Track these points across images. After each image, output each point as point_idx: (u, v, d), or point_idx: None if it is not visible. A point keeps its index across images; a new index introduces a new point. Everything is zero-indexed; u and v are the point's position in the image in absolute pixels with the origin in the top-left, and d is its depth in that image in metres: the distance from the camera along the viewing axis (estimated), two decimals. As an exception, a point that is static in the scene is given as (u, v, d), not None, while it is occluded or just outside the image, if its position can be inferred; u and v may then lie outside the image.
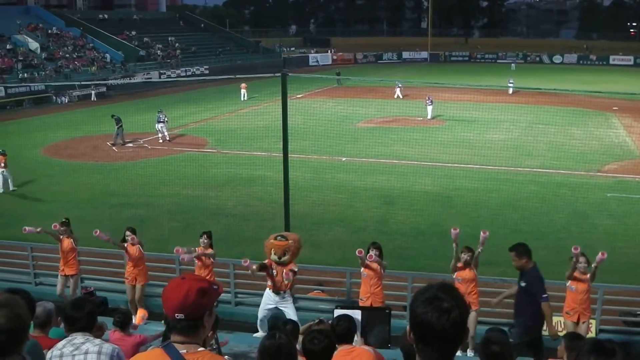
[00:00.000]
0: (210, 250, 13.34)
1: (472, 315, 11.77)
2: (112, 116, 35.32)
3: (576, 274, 11.55)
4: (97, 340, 5.35)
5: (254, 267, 12.09)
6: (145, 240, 14.28)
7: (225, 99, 51.19)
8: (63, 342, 5.26)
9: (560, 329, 12.14)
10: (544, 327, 12.08)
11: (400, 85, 55.45)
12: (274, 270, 12.00)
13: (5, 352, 3.60)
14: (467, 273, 12.01)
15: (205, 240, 13.38)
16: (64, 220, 14.33)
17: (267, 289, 12.24)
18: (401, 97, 54.49)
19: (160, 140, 36.15)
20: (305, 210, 22.07)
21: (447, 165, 29.17)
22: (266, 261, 12.03)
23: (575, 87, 48.96)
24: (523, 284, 10.61)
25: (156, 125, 36.18)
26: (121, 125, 35.07)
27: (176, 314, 3.65)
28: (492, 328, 7.51)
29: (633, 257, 18.39)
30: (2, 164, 26.08)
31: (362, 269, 12.15)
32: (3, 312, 3.59)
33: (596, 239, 19.94)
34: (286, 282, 11.97)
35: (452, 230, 11.82)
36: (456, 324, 2.85)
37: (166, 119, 36.27)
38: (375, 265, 12.05)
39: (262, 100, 47.91)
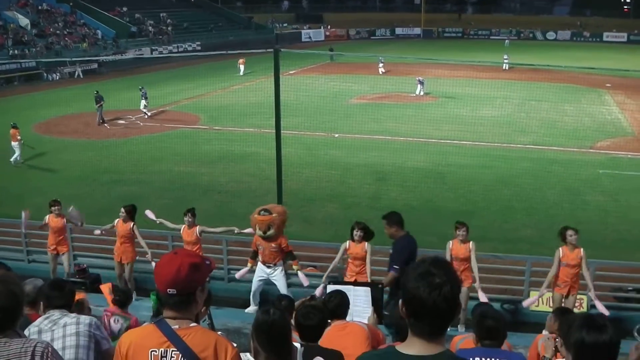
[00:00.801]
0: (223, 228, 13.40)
1: (464, 291, 11.80)
2: (96, 92, 35.10)
3: (568, 248, 11.58)
4: (73, 314, 5.39)
5: (249, 264, 12.46)
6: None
7: (217, 76, 50.95)
8: (40, 319, 5.29)
9: (550, 304, 12.27)
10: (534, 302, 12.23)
11: (382, 60, 55.66)
12: (260, 247, 12.08)
13: (1, 328, 3.62)
14: (462, 251, 11.92)
15: (190, 219, 13.27)
16: (55, 199, 14.29)
17: (259, 262, 12.34)
18: (383, 71, 54.90)
19: (146, 116, 36.11)
20: (298, 187, 22.11)
21: (440, 141, 29.21)
22: (252, 244, 12.22)
23: (569, 64, 48.98)
24: (391, 252, 10.55)
25: (141, 102, 36.18)
26: (101, 105, 34.69)
27: (168, 289, 3.67)
28: (479, 303, 7.53)
29: (624, 233, 18.54)
30: (18, 137, 26.62)
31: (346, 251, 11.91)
32: (1, 289, 3.61)
33: (588, 216, 20.09)
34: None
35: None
36: (447, 299, 2.85)
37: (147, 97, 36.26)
38: (358, 249, 11.75)
39: (255, 76, 47.77)
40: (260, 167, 24.30)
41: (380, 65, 55.67)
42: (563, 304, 11.47)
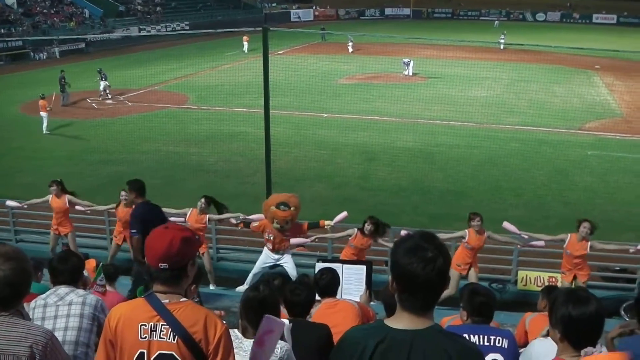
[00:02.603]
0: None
1: (474, 275, 12.00)
2: (61, 71, 34.57)
3: (576, 236, 11.59)
4: (82, 292, 5.39)
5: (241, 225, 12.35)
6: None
7: (206, 55, 50.74)
8: (48, 292, 5.31)
9: (538, 283, 12.39)
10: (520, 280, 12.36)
11: (352, 39, 55.70)
12: (271, 235, 11.91)
13: (8, 305, 3.61)
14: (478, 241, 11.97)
15: (204, 205, 13.05)
16: (56, 180, 14.23)
17: (266, 248, 12.23)
18: (351, 51, 55.15)
19: (105, 99, 35.61)
20: (287, 166, 22.12)
21: (429, 121, 29.20)
22: (255, 224, 12.12)
23: (558, 45, 48.98)
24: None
25: (100, 83, 35.73)
26: (64, 86, 34.00)
27: (160, 264, 3.68)
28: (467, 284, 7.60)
29: (612, 214, 18.62)
30: (49, 107, 28.56)
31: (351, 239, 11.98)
32: (11, 265, 3.59)
33: (576, 196, 20.20)
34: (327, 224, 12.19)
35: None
36: (441, 272, 2.89)
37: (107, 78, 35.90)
38: (364, 241, 11.87)
39: (245, 56, 47.61)
40: (249, 146, 24.24)
41: (350, 44, 55.79)
42: None
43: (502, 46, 51.66)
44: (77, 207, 13.98)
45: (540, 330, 5.38)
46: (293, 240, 12.08)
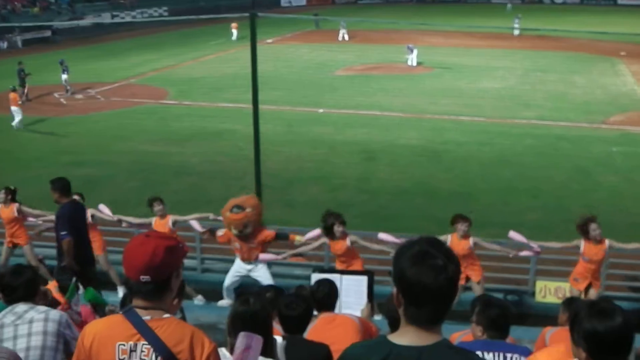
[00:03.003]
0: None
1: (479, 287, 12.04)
2: (19, 64, 34.73)
3: (591, 242, 11.50)
4: (43, 308, 5.34)
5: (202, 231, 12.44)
6: (98, 201, 14.17)
7: (187, 45, 50.77)
8: (4, 312, 5.24)
9: (559, 295, 12.35)
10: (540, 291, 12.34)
11: (344, 25, 55.52)
12: (237, 244, 11.89)
13: None
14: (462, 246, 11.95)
15: (159, 208, 12.87)
16: (7, 187, 14.18)
17: (237, 257, 12.24)
18: (347, 39, 55.04)
19: (68, 94, 35.39)
20: (278, 167, 22.10)
21: (435, 117, 29.24)
22: (221, 233, 12.10)
23: (579, 29, 49.02)
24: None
25: (61, 76, 35.45)
26: (24, 79, 33.93)
27: (141, 276, 3.63)
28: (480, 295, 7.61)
29: (639, 216, 18.61)
30: (19, 101, 29.29)
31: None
32: None
33: (599, 197, 20.14)
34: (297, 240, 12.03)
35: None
36: (453, 281, 2.89)
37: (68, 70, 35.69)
38: (339, 245, 11.73)
39: (230, 46, 47.66)
40: (236, 145, 24.25)
41: (342, 31, 55.55)
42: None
43: (516, 32, 51.63)
44: (29, 218, 13.97)
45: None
46: (262, 256, 11.94)
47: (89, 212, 12.92)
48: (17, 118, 28.45)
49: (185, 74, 39.18)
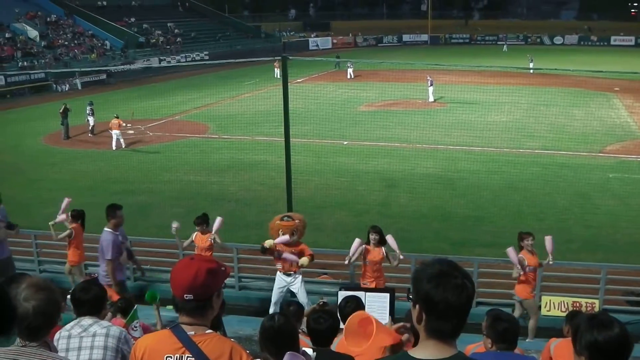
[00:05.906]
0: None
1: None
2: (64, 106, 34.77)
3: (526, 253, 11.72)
4: (105, 323, 5.41)
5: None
6: (147, 226, 14.29)
7: (225, 85, 51.11)
8: (71, 323, 5.32)
9: (562, 309, 12.26)
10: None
11: (351, 65, 56.16)
12: (282, 253, 11.90)
13: (38, 335, 3.64)
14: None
15: (199, 226, 13.15)
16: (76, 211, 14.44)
17: (278, 271, 12.26)
18: (352, 77, 55.57)
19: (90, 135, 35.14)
20: (308, 194, 22.12)
21: (449, 147, 29.21)
22: (267, 243, 11.92)
23: (577, 68, 48.91)
24: None
25: (88, 118, 35.06)
26: (66, 117, 34.19)
27: (185, 295, 3.68)
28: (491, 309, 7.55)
29: (636, 237, 18.46)
30: (123, 124, 31.82)
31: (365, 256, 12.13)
32: (43, 295, 3.64)
33: (598, 220, 20.06)
34: (301, 263, 11.90)
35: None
36: (471, 298, 2.92)
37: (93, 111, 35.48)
38: (375, 253, 12.08)
39: (264, 85, 47.90)
40: (269, 175, 24.32)
41: (350, 70, 56.26)
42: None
43: (531, 71, 51.59)
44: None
45: (566, 356, 5.33)
46: (285, 255, 11.93)
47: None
48: (119, 139, 31.15)
49: (224, 110, 39.38)
